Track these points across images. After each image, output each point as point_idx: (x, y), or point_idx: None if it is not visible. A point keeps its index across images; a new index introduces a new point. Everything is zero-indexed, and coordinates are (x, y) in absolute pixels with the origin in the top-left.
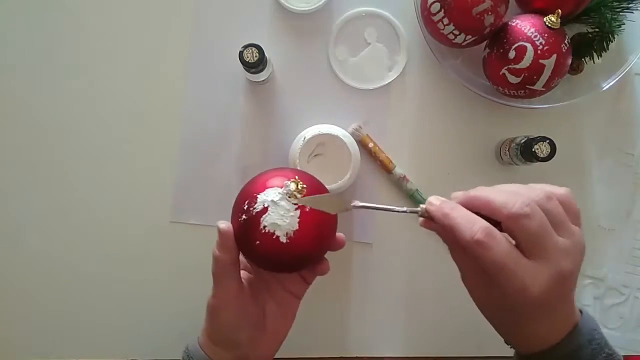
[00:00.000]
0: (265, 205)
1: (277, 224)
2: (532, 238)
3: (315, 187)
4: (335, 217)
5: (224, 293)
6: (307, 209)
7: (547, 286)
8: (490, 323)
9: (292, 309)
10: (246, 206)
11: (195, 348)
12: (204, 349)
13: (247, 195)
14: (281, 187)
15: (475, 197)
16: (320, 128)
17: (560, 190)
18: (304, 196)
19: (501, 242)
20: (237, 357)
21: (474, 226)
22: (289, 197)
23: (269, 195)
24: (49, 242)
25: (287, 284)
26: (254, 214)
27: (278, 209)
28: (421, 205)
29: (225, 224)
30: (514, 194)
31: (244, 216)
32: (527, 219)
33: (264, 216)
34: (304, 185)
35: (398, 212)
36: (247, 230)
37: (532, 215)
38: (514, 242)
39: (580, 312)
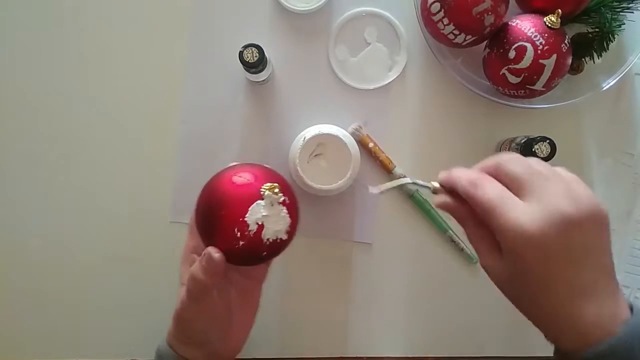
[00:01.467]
0: (260, 223)
1: (277, 230)
2: (519, 178)
3: (269, 174)
4: (295, 196)
5: (198, 308)
6: (283, 199)
7: (544, 223)
8: (521, 311)
9: (255, 296)
10: (238, 233)
11: (165, 348)
12: (174, 348)
13: (227, 220)
14: (257, 198)
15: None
16: (320, 128)
17: (557, 168)
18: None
19: (493, 182)
20: (208, 353)
21: (471, 174)
22: (272, 202)
23: (257, 213)
24: (48, 242)
25: (250, 271)
26: (252, 235)
27: (271, 218)
28: (432, 182)
29: (219, 255)
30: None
31: (241, 242)
32: (513, 163)
33: (263, 232)
34: (274, 184)
35: (414, 184)
36: (250, 250)
37: (518, 161)
38: None
39: (632, 309)
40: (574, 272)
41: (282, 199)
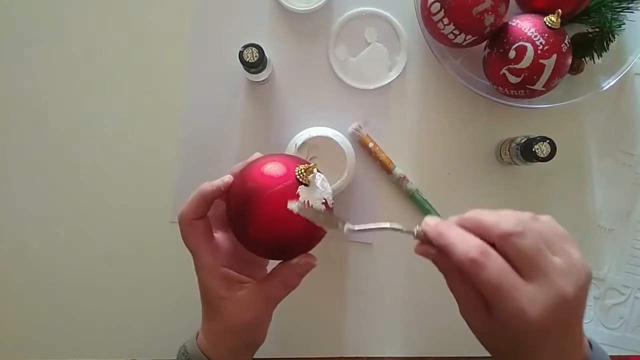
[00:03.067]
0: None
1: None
2: (526, 257)
3: (293, 159)
4: None
5: (271, 310)
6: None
7: (546, 309)
8: (492, 355)
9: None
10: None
11: (196, 353)
12: (209, 354)
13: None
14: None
15: (467, 219)
16: (310, 132)
17: (544, 217)
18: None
19: (497, 260)
20: (251, 352)
21: (468, 244)
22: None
23: (305, 198)
24: (48, 242)
25: (288, 278)
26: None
27: (315, 194)
28: (417, 227)
29: (316, 262)
30: (505, 215)
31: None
32: (520, 237)
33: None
34: (306, 165)
35: (393, 230)
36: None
37: (525, 233)
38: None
39: (590, 345)
40: (566, 339)
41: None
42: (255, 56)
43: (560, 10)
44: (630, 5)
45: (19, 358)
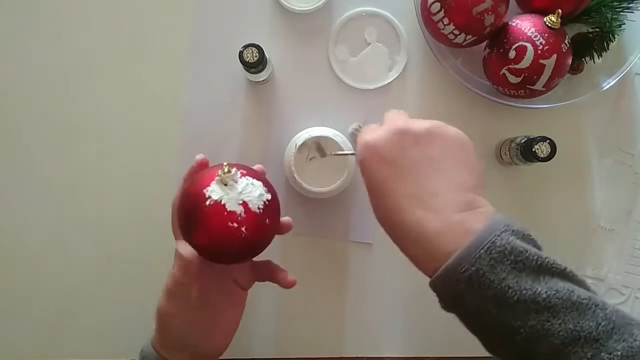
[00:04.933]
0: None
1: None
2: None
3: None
4: (276, 199)
5: (176, 306)
6: (240, 172)
7: (380, 135)
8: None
9: (241, 299)
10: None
11: (149, 350)
12: (158, 351)
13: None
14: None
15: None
16: (309, 132)
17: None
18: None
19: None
20: (193, 355)
21: None
22: (224, 181)
23: (216, 194)
24: (48, 242)
25: (236, 276)
26: (209, 204)
27: (233, 193)
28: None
29: (191, 254)
30: None
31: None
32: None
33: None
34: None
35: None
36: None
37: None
38: None
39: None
40: (411, 182)
41: (237, 173)
42: (255, 56)
43: (560, 10)
44: (630, 5)
45: (19, 358)
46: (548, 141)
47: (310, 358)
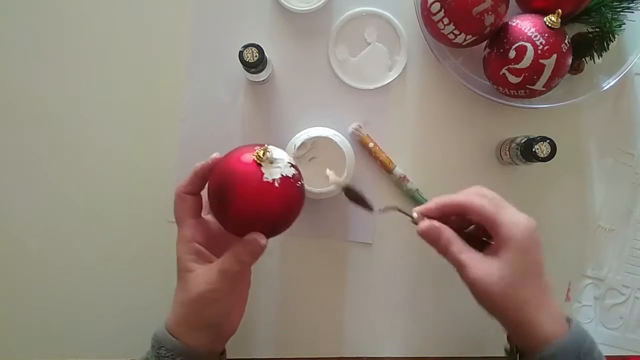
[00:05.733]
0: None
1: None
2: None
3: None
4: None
5: (229, 290)
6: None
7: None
8: (497, 315)
9: (246, 277)
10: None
11: (164, 335)
12: (177, 334)
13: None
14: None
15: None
16: (309, 132)
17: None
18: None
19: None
20: (215, 335)
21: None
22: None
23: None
24: (48, 242)
25: (240, 253)
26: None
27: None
28: (414, 214)
29: (265, 241)
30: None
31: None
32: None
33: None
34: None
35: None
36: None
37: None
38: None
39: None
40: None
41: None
42: (255, 56)
43: (560, 10)
44: (630, 5)
45: (19, 358)
46: (548, 141)
47: (310, 358)
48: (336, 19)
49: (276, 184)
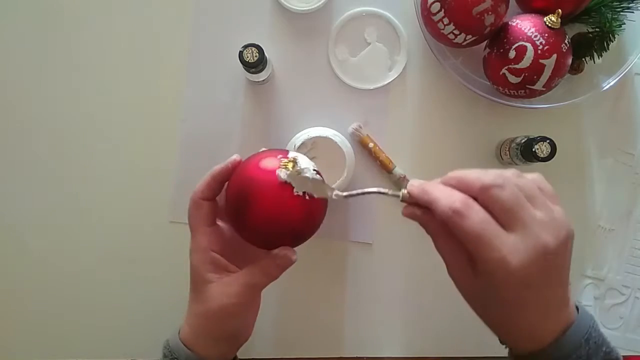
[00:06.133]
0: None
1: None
2: (505, 208)
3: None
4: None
5: (253, 302)
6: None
7: (527, 259)
8: (482, 319)
9: None
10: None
11: (178, 346)
12: (192, 347)
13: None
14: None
15: (450, 177)
16: (309, 132)
17: (530, 174)
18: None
19: (479, 211)
20: (231, 345)
21: (451, 197)
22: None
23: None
24: (48, 242)
25: (269, 267)
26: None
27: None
28: (403, 190)
29: (295, 257)
30: (487, 171)
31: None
32: (499, 189)
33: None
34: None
35: (380, 193)
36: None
37: (504, 185)
38: None
39: (577, 308)
40: (549, 292)
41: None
42: (255, 56)
43: (560, 10)
44: (630, 5)
45: (19, 358)
46: (548, 141)
47: (310, 358)
48: (336, 19)
49: (306, 197)
